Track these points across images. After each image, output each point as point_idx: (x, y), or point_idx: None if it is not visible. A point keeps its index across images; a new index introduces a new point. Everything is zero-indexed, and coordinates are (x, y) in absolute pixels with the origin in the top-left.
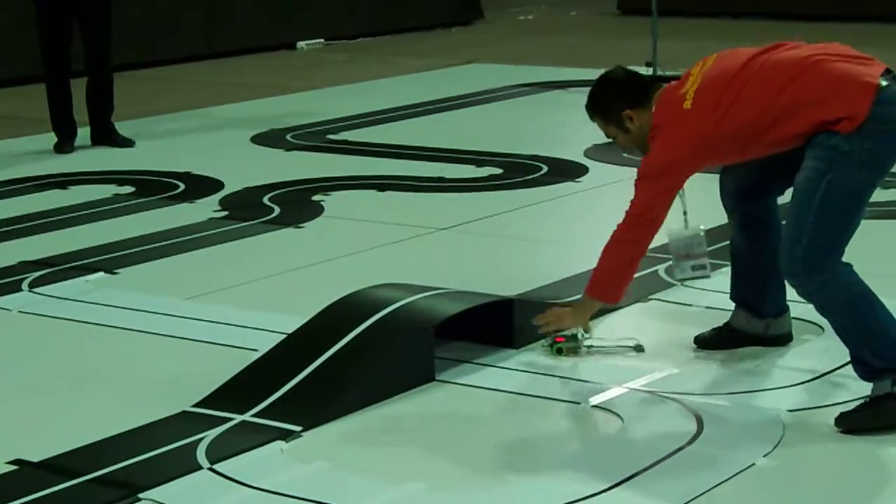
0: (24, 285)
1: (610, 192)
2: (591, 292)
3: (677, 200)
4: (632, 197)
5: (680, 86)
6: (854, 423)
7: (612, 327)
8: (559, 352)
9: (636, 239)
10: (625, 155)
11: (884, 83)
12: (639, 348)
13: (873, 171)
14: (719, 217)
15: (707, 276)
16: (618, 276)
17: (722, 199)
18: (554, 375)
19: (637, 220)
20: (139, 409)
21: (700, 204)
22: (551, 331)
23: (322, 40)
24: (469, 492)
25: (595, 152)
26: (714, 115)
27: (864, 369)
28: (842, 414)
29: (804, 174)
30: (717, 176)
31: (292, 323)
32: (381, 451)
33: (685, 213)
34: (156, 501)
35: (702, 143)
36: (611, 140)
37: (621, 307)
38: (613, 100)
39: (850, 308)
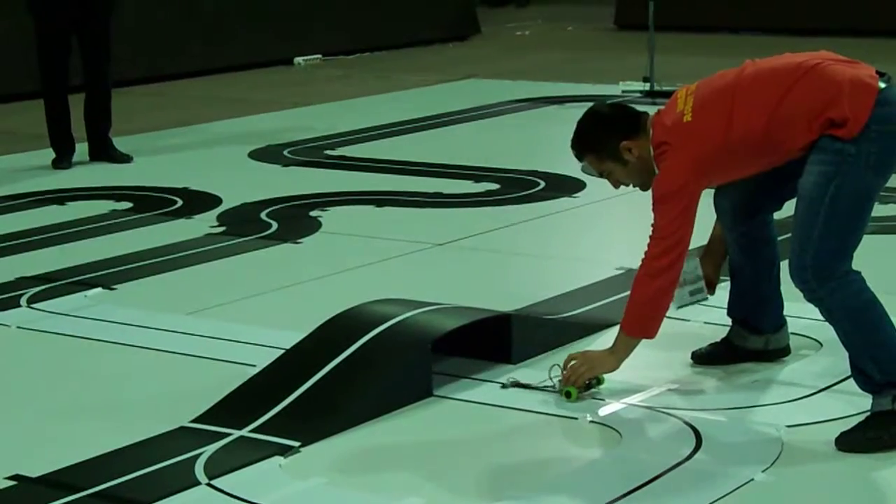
0: (23, 301)
1: (607, 207)
2: (628, 330)
3: (647, 206)
4: (652, 222)
5: (672, 108)
6: (855, 446)
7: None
8: (567, 395)
9: (665, 266)
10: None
11: (882, 84)
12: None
13: (880, 173)
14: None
15: (706, 298)
16: (653, 308)
17: (718, 218)
18: (551, 391)
19: (662, 244)
20: (138, 424)
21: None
22: (587, 379)
23: (319, 56)
24: None
25: None
26: (720, 124)
27: (865, 380)
28: (842, 434)
29: (811, 179)
30: (712, 192)
31: (290, 338)
32: (378, 466)
33: None
34: None
35: (712, 155)
36: (602, 178)
37: (620, 323)
38: (607, 134)
39: (857, 315)
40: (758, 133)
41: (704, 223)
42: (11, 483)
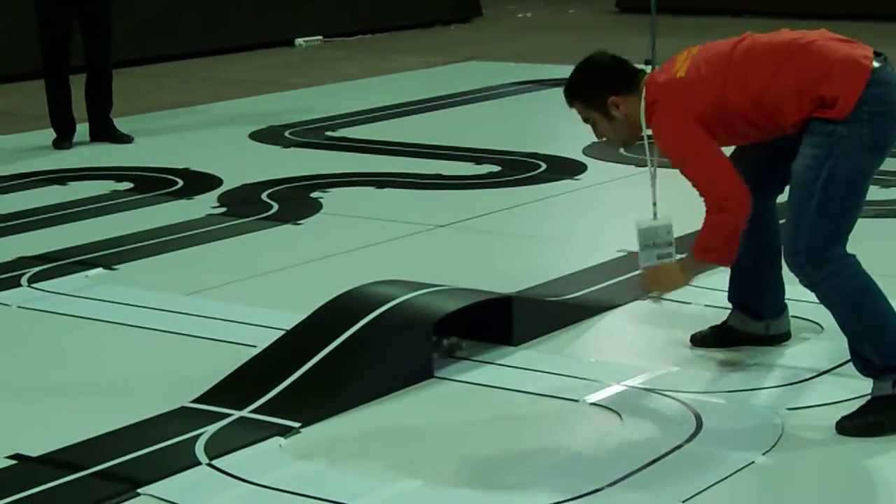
0: (24, 281)
1: (608, 189)
2: (701, 255)
3: (648, 190)
4: (692, 186)
5: (669, 68)
6: (855, 430)
7: (618, 320)
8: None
9: (729, 220)
10: (598, 143)
11: (877, 64)
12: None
13: (874, 154)
14: None
15: (672, 259)
16: (725, 243)
17: None
18: (552, 373)
19: (716, 202)
20: (138, 404)
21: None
22: (663, 293)
23: (320, 37)
24: (466, 488)
25: (593, 150)
26: (715, 84)
27: (864, 365)
28: (843, 418)
29: (803, 162)
30: None
31: (291, 319)
32: (379, 447)
33: (654, 204)
34: (155, 496)
35: (706, 107)
36: (588, 125)
37: (621, 305)
38: (597, 86)
39: (854, 300)
40: (748, 105)
41: (695, 214)
42: (12, 462)
